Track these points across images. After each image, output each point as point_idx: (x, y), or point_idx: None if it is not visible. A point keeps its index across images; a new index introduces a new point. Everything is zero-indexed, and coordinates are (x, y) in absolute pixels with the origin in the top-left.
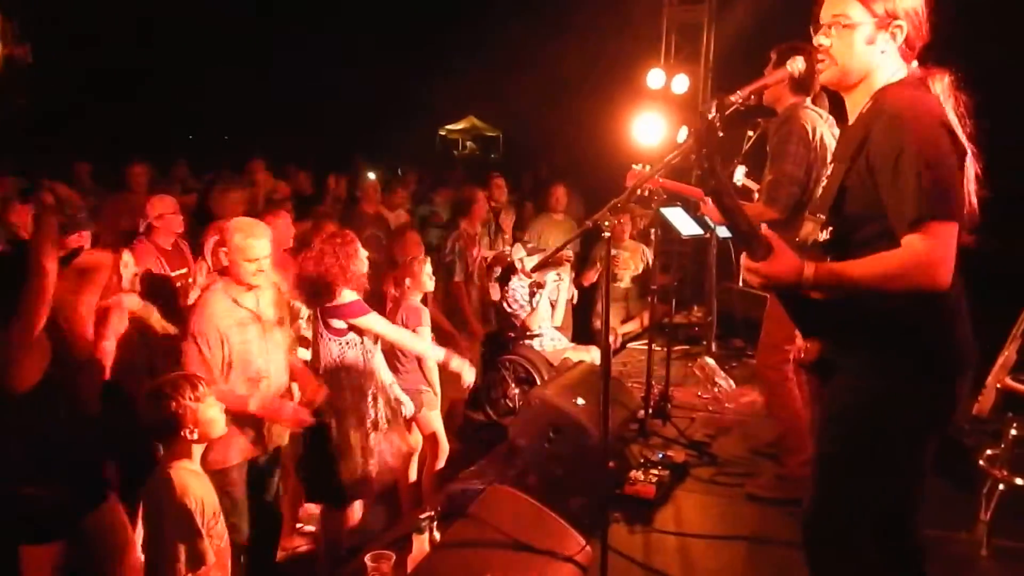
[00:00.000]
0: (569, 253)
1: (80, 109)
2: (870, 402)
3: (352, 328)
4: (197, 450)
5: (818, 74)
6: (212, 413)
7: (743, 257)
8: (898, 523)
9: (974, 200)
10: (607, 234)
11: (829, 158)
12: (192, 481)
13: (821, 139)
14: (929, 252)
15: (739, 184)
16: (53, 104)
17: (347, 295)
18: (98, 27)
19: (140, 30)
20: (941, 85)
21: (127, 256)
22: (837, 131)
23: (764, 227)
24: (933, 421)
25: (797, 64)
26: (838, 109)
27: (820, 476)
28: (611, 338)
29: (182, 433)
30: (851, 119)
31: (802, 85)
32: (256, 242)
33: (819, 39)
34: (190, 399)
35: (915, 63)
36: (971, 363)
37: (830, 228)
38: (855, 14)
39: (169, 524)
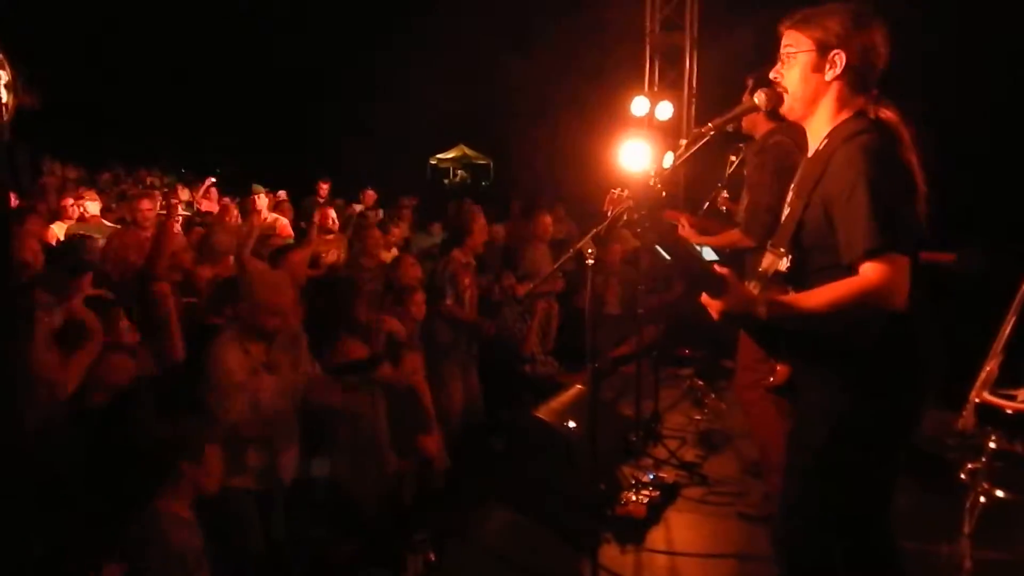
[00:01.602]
0: (561, 280)
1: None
2: (836, 418)
3: None
4: (191, 493)
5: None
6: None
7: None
8: (868, 527)
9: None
10: (590, 261)
11: None
12: (179, 530)
13: (795, 165)
14: (882, 279)
15: (722, 209)
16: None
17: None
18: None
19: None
20: (891, 118)
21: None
22: None
23: (715, 265)
24: (896, 434)
25: (760, 96)
26: None
27: (789, 486)
28: (603, 360)
29: (181, 480)
30: (811, 151)
31: (777, 113)
32: (279, 293)
33: (773, 72)
34: (197, 450)
35: (870, 94)
36: (935, 378)
37: (790, 259)
38: (798, 44)
39: (152, 565)
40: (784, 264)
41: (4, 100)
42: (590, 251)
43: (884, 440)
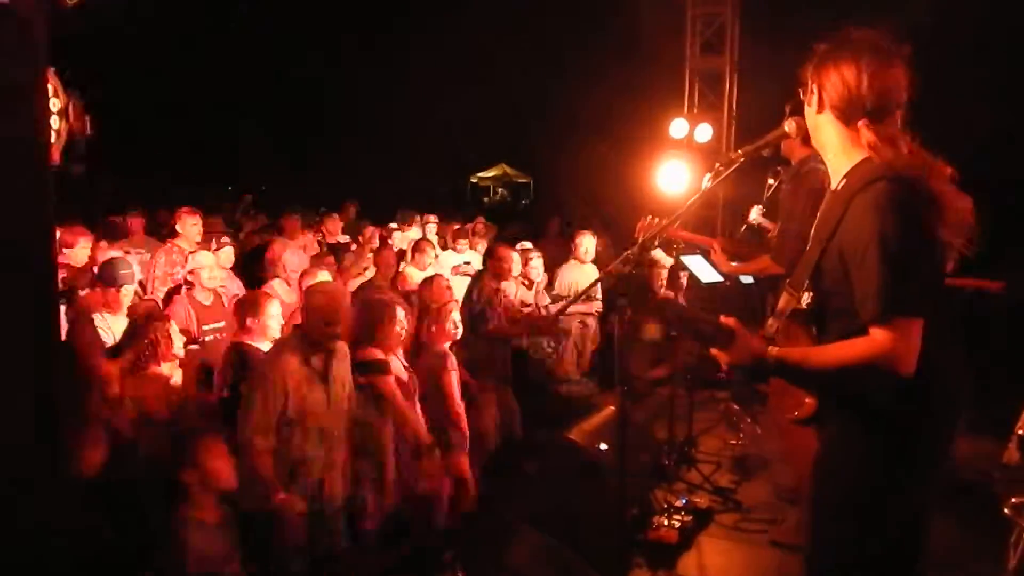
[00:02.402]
0: (599, 301)
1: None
2: (858, 456)
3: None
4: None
5: None
6: (219, 464)
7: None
8: (896, 567)
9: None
10: (623, 301)
11: None
12: (199, 531)
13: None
14: (891, 346)
15: (755, 223)
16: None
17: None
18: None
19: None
20: (899, 158)
21: (175, 325)
22: None
23: (723, 317)
24: (920, 474)
25: (791, 124)
26: None
27: (814, 521)
28: (640, 384)
29: (192, 488)
30: (833, 186)
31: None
32: (337, 306)
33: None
34: (204, 456)
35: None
36: (956, 415)
37: (809, 296)
38: (807, 76)
39: (173, 571)
40: (805, 301)
41: (56, 127)
42: (622, 280)
43: (908, 480)
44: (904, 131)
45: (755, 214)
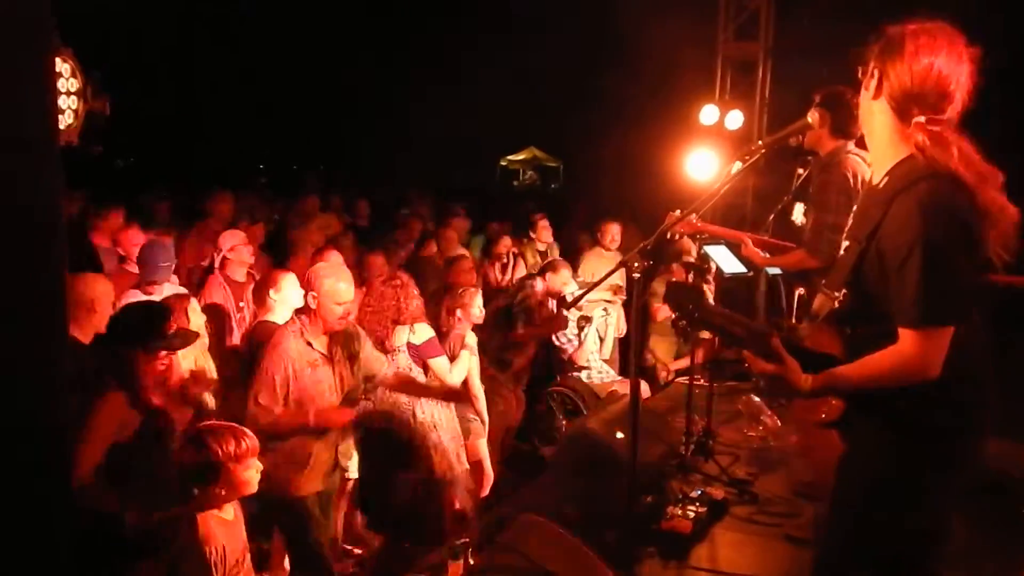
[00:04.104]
0: (622, 287)
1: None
2: (885, 458)
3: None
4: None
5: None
6: (249, 475)
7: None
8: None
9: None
10: (636, 275)
11: None
12: (217, 529)
13: (864, 183)
14: (922, 355)
15: (799, 223)
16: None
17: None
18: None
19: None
20: (947, 155)
21: (195, 303)
22: None
23: (775, 341)
24: (947, 475)
25: (814, 115)
26: None
27: (833, 522)
28: (664, 373)
29: (214, 489)
30: (874, 180)
31: (842, 129)
32: (346, 287)
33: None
34: (231, 456)
35: (912, 122)
36: (985, 418)
37: (846, 297)
38: (862, 63)
39: (186, 569)
40: (839, 303)
41: (74, 107)
42: (636, 264)
43: (934, 483)
44: (958, 133)
45: (798, 214)
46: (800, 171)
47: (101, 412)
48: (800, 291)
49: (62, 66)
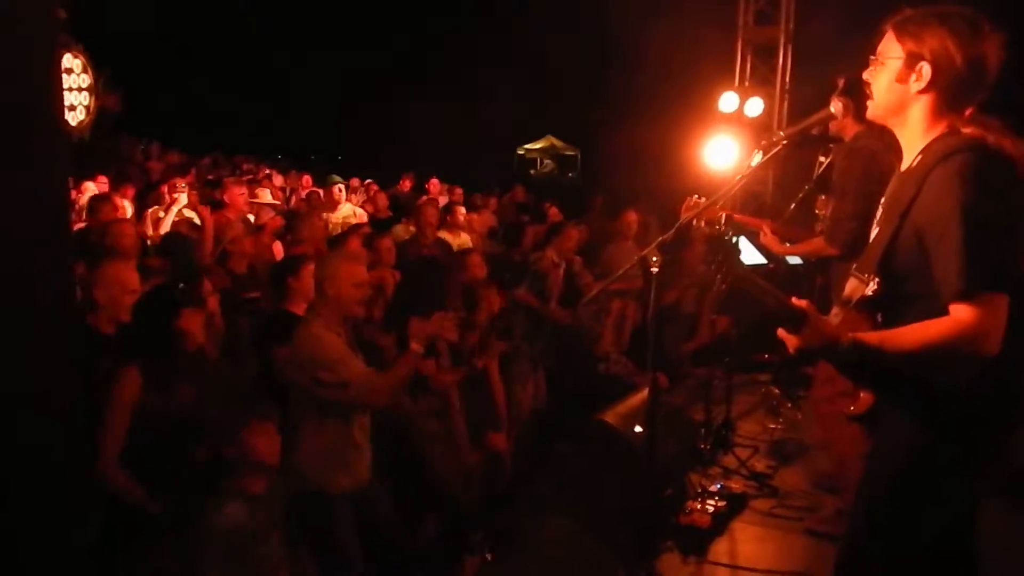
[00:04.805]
0: (640, 279)
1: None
2: (916, 454)
3: None
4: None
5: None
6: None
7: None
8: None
9: None
10: (655, 270)
11: None
12: (236, 504)
13: (889, 170)
14: (977, 323)
15: (822, 215)
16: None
17: None
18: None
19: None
20: (990, 136)
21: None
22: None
23: (795, 298)
24: (978, 474)
25: (837, 105)
26: None
27: (858, 516)
28: (680, 365)
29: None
30: (904, 165)
31: (865, 116)
32: (362, 269)
33: (865, 73)
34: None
35: (962, 112)
36: (1021, 408)
37: (877, 283)
38: (890, 49)
39: (206, 543)
40: (871, 289)
41: (86, 103)
42: (654, 259)
43: (964, 480)
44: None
45: (822, 206)
46: (822, 159)
47: (118, 392)
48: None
49: (73, 62)
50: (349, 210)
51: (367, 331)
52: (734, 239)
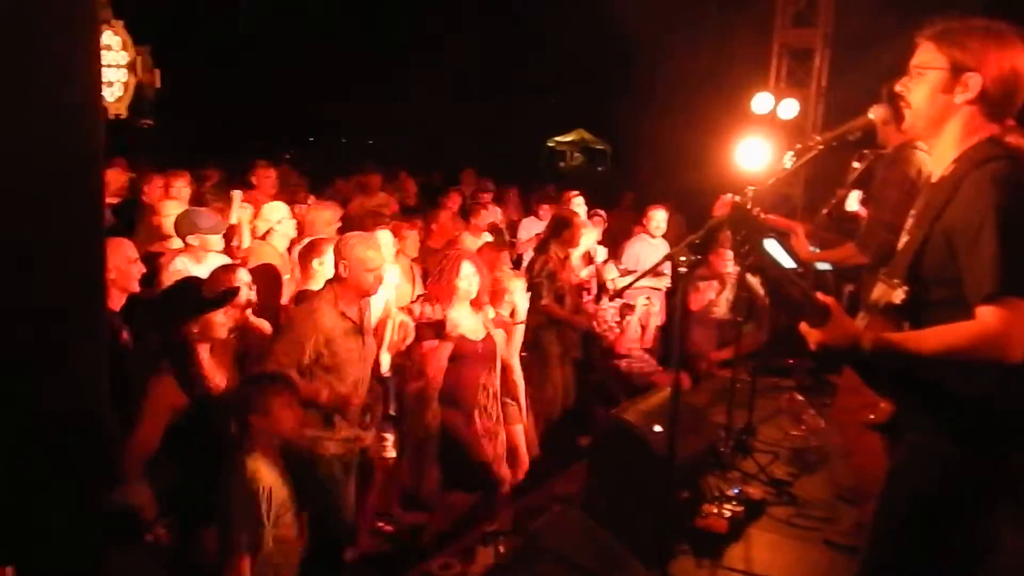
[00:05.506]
0: (668, 277)
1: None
2: (939, 468)
3: None
4: (273, 445)
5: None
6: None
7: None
8: None
9: None
10: (683, 270)
11: None
12: (264, 469)
13: (928, 181)
14: (1003, 328)
15: (852, 211)
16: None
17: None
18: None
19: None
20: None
21: (243, 272)
22: None
23: (820, 294)
24: (1004, 489)
25: (877, 112)
26: None
27: (878, 529)
28: (703, 364)
29: (257, 423)
30: (935, 176)
31: None
32: (375, 253)
33: (899, 84)
34: (280, 400)
35: (1005, 123)
36: None
37: (905, 291)
38: (931, 60)
39: (235, 507)
40: (899, 296)
41: (124, 80)
42: (683, 258)
43: (989, 495)
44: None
45: (853, 202)
46: (856, 164)
47: (154, 396)
48: (849, 288)
49: (112, 39)
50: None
51: None
52: (763, 241)
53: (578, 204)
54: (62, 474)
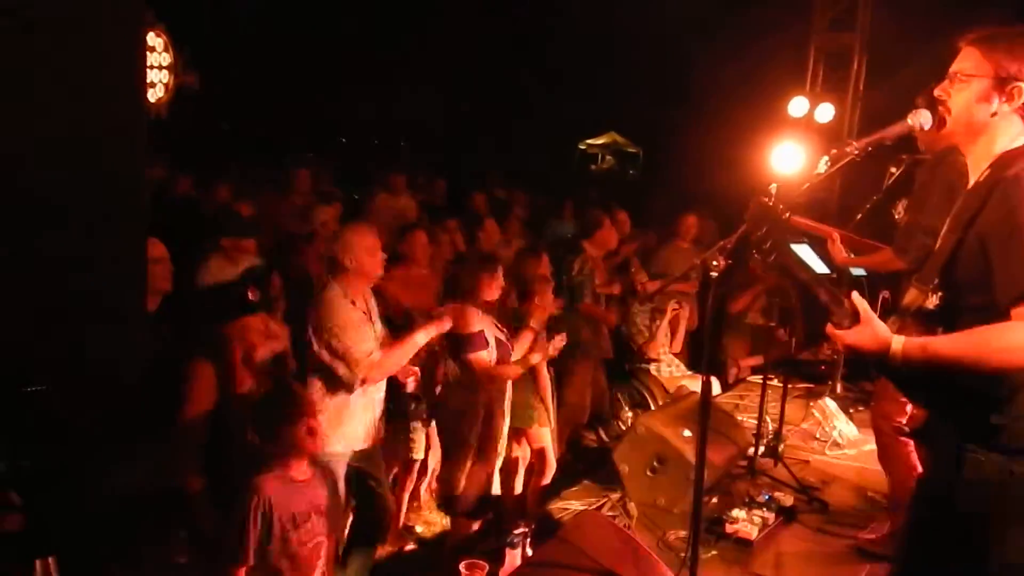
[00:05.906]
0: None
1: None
2: (971, 475)
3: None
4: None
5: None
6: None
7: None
8: None
9: None
10: (714, 274)
11: None
12: (274, 489)
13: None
14: None
15: (900, 220)
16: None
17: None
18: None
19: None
20: None
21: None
22: None
23: (855, 295)
24: None
25: (918, 117)
26: None
27: (909, 538)
28: (735, 370)
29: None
30: (970, 182)
31: None
32: (373, 239)
33: (938, 90)
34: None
35: None
36: None
37: (939, 296)
38: (975, 67)
39: (232, 519)
40: (932, 302)
41: (165, 81)
42: (715, 263)
43: (1019, 501)
44: None
45: (901, 209)
46: (892, 169)
47: (195, 381)
48: (884, 295)
49: (155, 40)
50: None
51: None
52: (797, 246)
53: (624, 221)
54: (97, 464)
